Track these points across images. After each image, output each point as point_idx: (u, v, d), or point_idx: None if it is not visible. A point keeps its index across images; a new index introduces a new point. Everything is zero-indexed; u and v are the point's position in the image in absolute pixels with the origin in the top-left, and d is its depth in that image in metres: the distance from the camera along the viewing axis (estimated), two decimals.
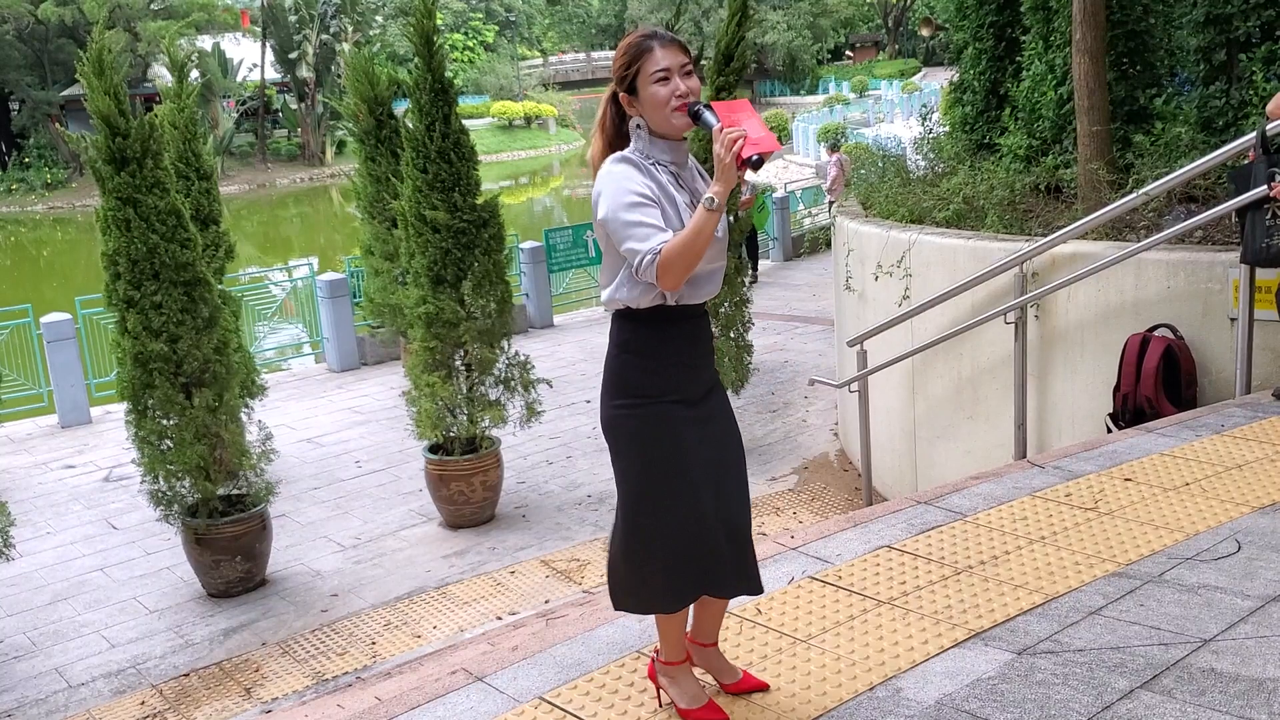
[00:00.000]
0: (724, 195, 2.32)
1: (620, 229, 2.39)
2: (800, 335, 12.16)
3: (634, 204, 2.39)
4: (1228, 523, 3.69)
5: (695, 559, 2.54)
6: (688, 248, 2.33)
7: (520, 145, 52.11)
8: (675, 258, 2.33)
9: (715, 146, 2.31)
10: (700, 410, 2.56)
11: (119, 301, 5.87)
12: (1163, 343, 5.16)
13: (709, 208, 2.31)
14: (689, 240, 2.33)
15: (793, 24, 61.95)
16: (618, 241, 2.40)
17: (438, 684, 2.95)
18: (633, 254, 2.37)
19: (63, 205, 38.64)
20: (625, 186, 2.41)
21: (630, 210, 2.38)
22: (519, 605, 5.92)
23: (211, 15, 42.15)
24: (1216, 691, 2.64)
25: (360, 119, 10.01)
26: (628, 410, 2.51)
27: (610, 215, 2.40)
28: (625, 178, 2.42)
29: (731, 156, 2.28)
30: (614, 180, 2.42)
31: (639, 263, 2.36)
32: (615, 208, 2.39)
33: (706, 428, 2.57)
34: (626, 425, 2.52)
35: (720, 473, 2.57)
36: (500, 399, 7.07)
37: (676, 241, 2.34)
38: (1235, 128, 6.03)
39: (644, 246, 2.35)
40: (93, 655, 5.67)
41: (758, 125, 2.35)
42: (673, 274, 2.34)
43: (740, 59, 7.81)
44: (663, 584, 2.56)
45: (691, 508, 2.51)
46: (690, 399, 2.54)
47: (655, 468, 2.51)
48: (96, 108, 5.70)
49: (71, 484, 8.40)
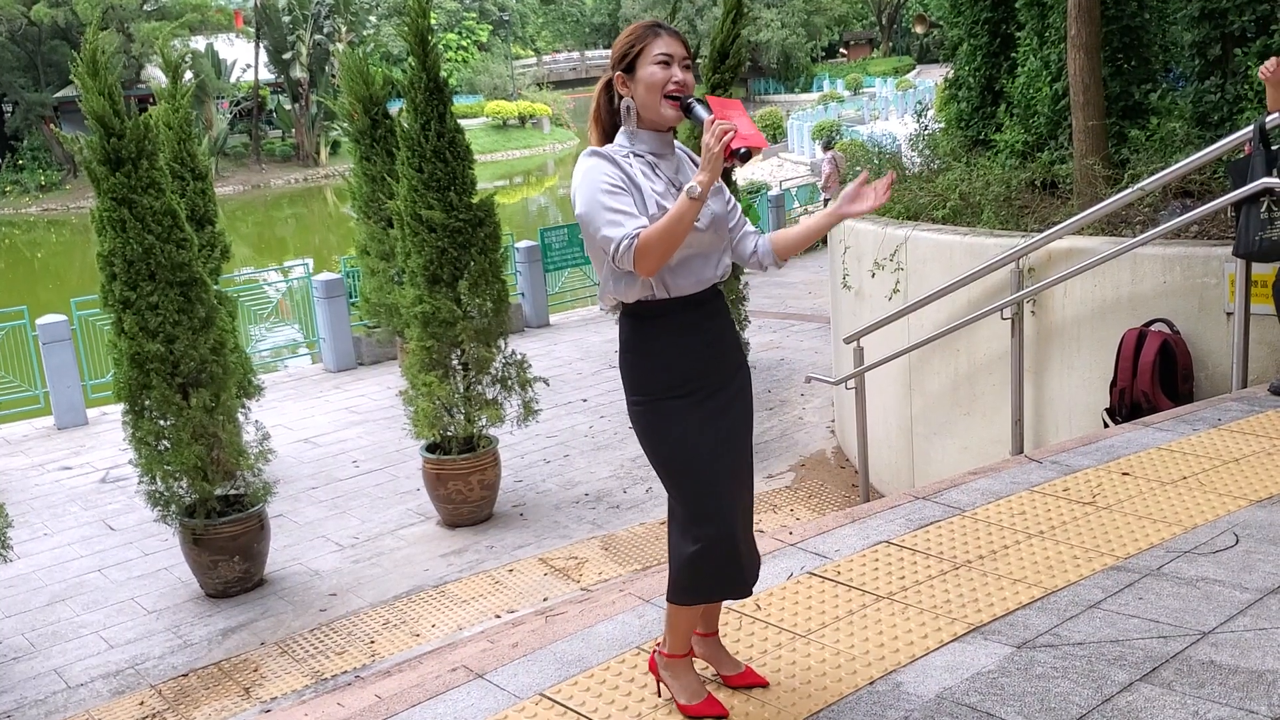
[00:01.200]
0: (708, 185, 2.34)
1: (596, 217, 2.42)
2: (796, 333, 12.16)
3: (607, 191, 2.43)
4: (1225, 516, 3.70)
5: (720, 555, 2.54)
6: (667, 233, 2.35)
7: (514, 145, 52.05)
8: (654, 243, 2.36)
9: (705, 137, 2.34)
10: (716, 401, 2.55)
11: (115, 302, 5.85)
12: (1159, 337, 5.17)
13: (691, 195, 2.33)
14: (668, 226, 2.35)
15: (787, 22, 61.96)
16: (594, 230, 2.43)
17: (438, 681, 2.95)
18: (608, 241, 2.40)
19: (57, 207, 38.54)
20: (597, 177, 2.45)
21: (605, 197, 2.42)
22: (517, 603, 5.92)
23: (205, 16, 42.06)
24: (1216, 684, 2.64)
25: (355, 119, 10.01)
26: (639, 407, 2.56)
27: (586, 207, 2.44)
28: (596, 169, 2.46)
29: (721, 147, 2.31)
30: (586, 174, 2.47)
31: (616, 248, 2.38)
32: (590, 198, 2.44)
33: (720, 420, 2.55)
34: (640, 421, 2.57)
35: (736, 464, 2.58)
36: (497, 398, 7.07)
37: (655, 227, 2.37)
38: (1230, 122, 6.05)
39: (619, 232, 2.38)
40: (91, 656, 5.67)
41: (748, 123, 2.41)
42: (650, 259, 2.37)
43: (735, 57, 7.82)
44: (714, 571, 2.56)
45: (710, 501, 2.52)
46: (698, 391, 2.53)
47: (672, 463, 2.54)
48: (92, 109, 5.68)
49: (69, 485, 8.39)
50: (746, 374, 2.67)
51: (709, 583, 2.58)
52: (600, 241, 2.43)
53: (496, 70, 60.76)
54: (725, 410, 2.57)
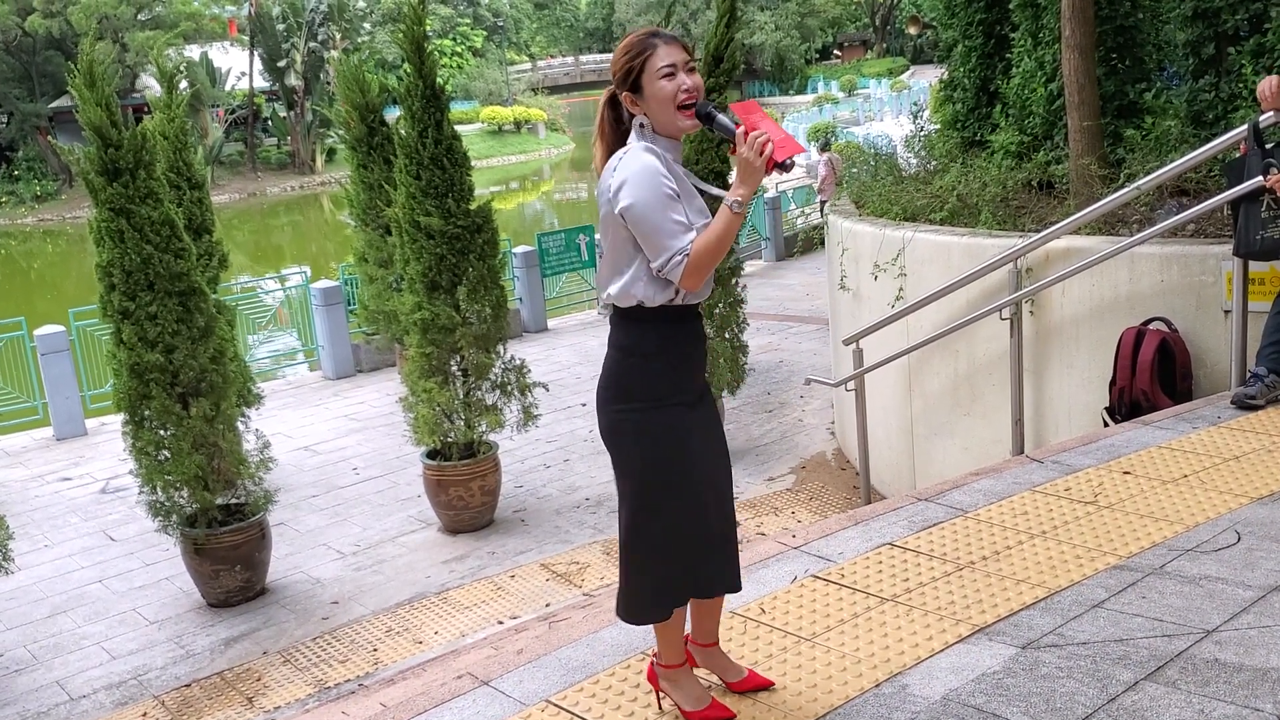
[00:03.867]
0: (749, 198, 2.32)
1: (653, 224, 2.35)
2: (795, 335, 12.17)
3: (668, 199, 2.36)
4: (1227, 514, 3.70)
5: (686, 563, 2.55)
6: (718, 248, 2.33)
7: (510, 150, 52.06)
8: (703, 258, 2.34)
9: (741, 150, 2.29)
10: (700, 412, 2.57)
11: (114, 313, 5.85)
12: (1157, 336, 5.18)
13: (735, 210, 2.31)
14: (716, 242, 2.33)
15: (780, 24, 62.08)
16: (645, 235, 2.36)
17: (443, 689, 2.95)
18: (663, 250, 2.35)
19: (53, 217, 38.51)
20: (657, 181, 2.36)
21: (665, 206, 2.36)
22: (520, 609, 5.92)
23: (199, 25, 42.00)
24: (1221, 682, 2.65)
25: (352, 126, 10.02)
26: (632, 415, 2.49)
27: (641, 208, 2.35)
28: (656, 171, 2.37)
29: (763, 160, 2.27)
30: (645, 173, 2.37)
31: (668, 260, 2.34)
32: (649, 202, 2.35)
33: (708, 429, 2.59)
34: (630, 431, 2.50)
35: (718, 473, 2.60)
36: (497, 403, 7.07)
37: (704, 242, 2.33)
38: (1225, 121, 6.06)
39: (676, 244, 2.34)
40: (94, 667, 5.66)
41: (774, 126, 2.34)
42: (698, 274, 2.35)
43: (730, 60, 7.81)
44: (652, 590, 2.55)
45: (694, 510, 2.52)
46: (691, 400, 2.55)
47: (658, 473, 2.50)
48: (89, 119, 5.68)
49: (69, 496, 8.38)
50: (710, 391, 2.71)
51: (668, 595, 2.56)
52: (650, 249, 2.37)
53: (491, 76, 60.84)
54: (710, 422, 2.60)
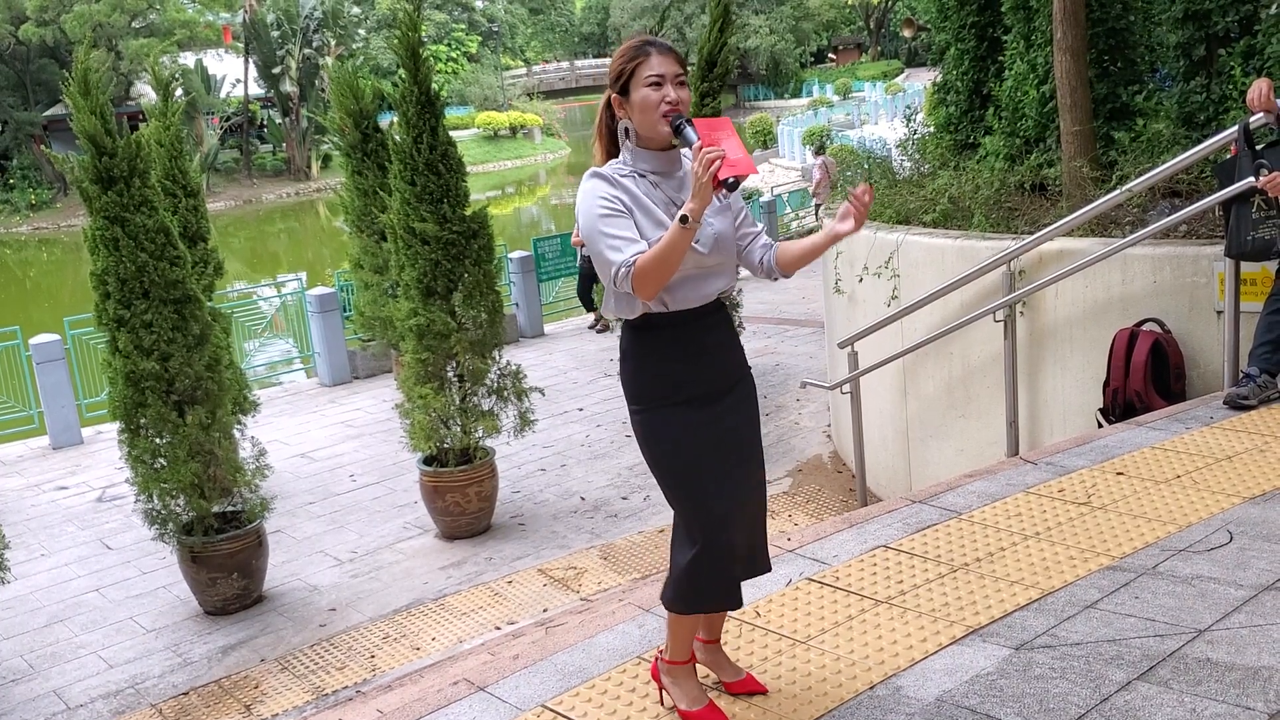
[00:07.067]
0: (698, 213, 2.33)
1: (595, 242, 2.45)
2: (790, 338, 12.19)
3: (603, 216, 2.44)
4: (1219, 514, 3.72)
5: (710, 566, 2.55)
6: (661, 261, 2.36)
7: (506, 155, 52.11)
8: (650, 270, 2.37)
9: (693, 165, 2.33)
10: (714, 409, 2.56)
11: (109, 321, 5.85)
12: (1150, 337, 5.20)
13: (683, 225, 2.33)
14: (661, 254, 2.36)
15: (775, 28, 62.21)
16: (593, 255, 2.47)
17: (440, 695, 2.96)
18: (607, 265, 2.41)
19: (48, 226, 38.51)
20: (594, 201, 2.47)
21: (602, 223, 2.44)
22: (517, 615, 5.92)
23: (194, 32, 42.03)
24: (1213, 681, 2.66)
25: (346, 133, 10.02)
26: (638, 415, 2.59)
27: (585, 231, 2.48)
28: (594, 192, 2.48)
29: (709, 176, 2.30)
30: (585, 197, 2.50)
31: (614, 274, 2.40)
32: (588, 223, 2.47)
33: (716, 428, 2.56)
34: (638, 429, 2.61)
35: (738, 473, 2.57)
36: (493, 409, 7.08)
37: (650, 255, 2.37)
38: (1216, 122, 6.08)
39: (618, 258, 2.39)
40: (91, 676, 5.65)
41: (736, 146, 2.37)
42: (648, 285, 2.38)
43: (723, 64, 7.85)
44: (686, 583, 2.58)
45: (705, 509, 2.53)
46: (697, 398, 2.55)
47: (663, 472, 2.57)
48: (83, 127, 5.69)
49: (65, 505, 8.37)
50: (750, 383, 2.67)
51: (698, 593, 2.59)
52: (600, 265, 2.45)
53: (486, 81, 60.91)
54: (722, 418, 2.57)
